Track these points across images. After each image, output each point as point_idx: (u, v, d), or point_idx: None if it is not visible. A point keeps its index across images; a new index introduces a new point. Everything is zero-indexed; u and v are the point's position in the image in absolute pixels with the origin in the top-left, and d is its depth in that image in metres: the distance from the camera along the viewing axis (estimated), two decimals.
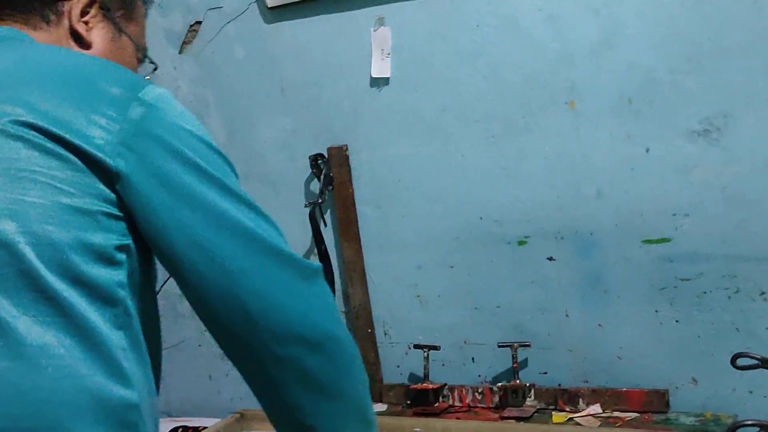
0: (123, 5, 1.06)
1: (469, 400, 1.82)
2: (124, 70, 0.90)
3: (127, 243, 0.83)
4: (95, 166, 0.80)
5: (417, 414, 1.79)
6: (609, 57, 1.64)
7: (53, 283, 0.77)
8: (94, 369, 0.78)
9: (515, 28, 1.70)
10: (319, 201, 1.91)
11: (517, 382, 1.75)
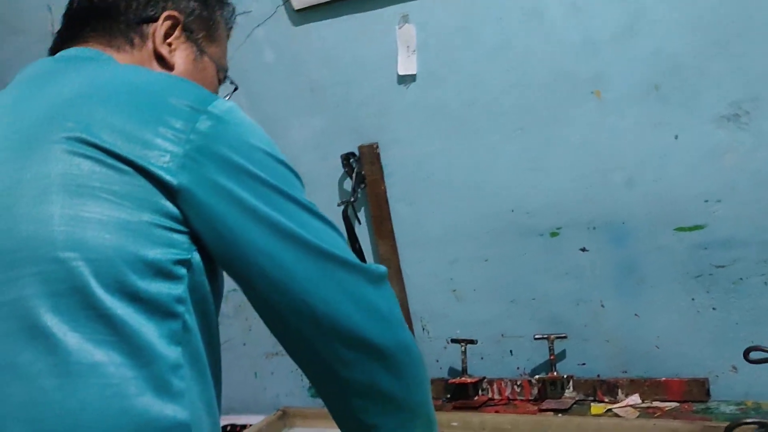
0: (205, 27, 1.09)
1: (508, 393, 1.83)
2: (193, 85, 0.90)
3: (187, 258, 0.82)
4: (156, 181, 0.80)
5: (456, 408, 1.80)
6: (633, 44, 1.62)
7: (107, 301, 0.76)
8: (144, 388, 0.76)
9: (538, 19, 1.69)
10: (352, 199, 1.93)
11: (555, 374, 1.75)
